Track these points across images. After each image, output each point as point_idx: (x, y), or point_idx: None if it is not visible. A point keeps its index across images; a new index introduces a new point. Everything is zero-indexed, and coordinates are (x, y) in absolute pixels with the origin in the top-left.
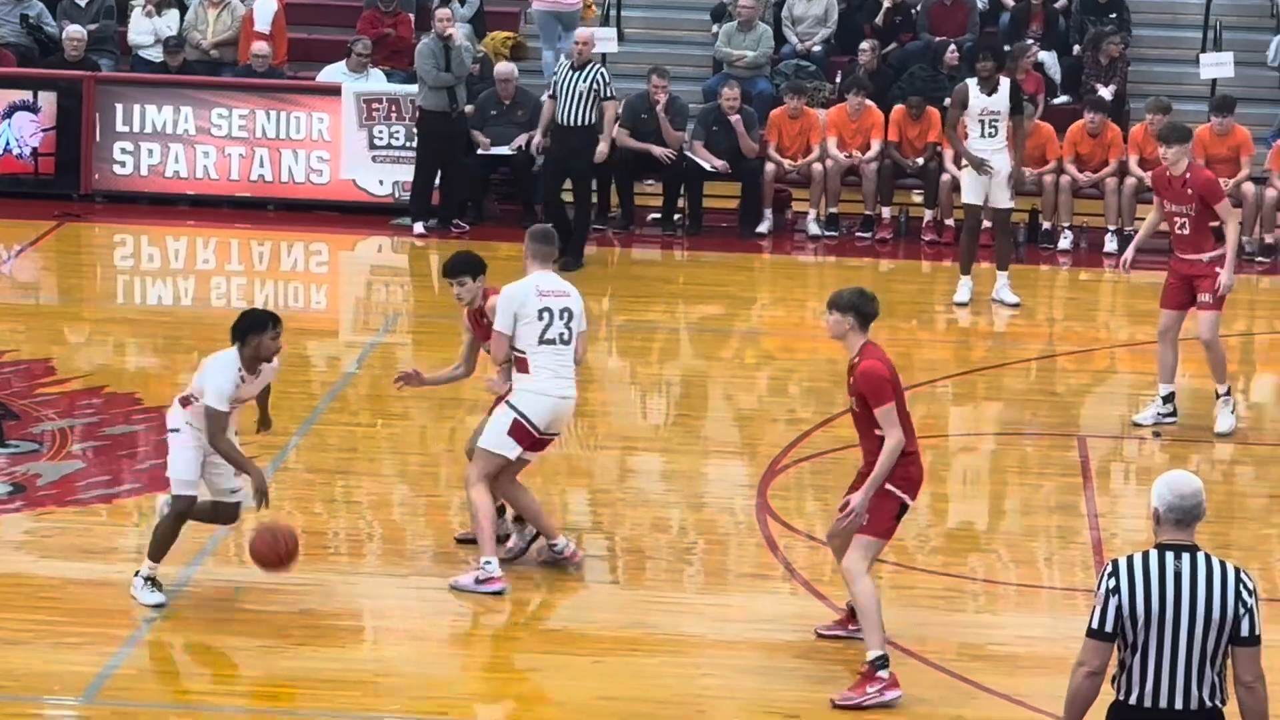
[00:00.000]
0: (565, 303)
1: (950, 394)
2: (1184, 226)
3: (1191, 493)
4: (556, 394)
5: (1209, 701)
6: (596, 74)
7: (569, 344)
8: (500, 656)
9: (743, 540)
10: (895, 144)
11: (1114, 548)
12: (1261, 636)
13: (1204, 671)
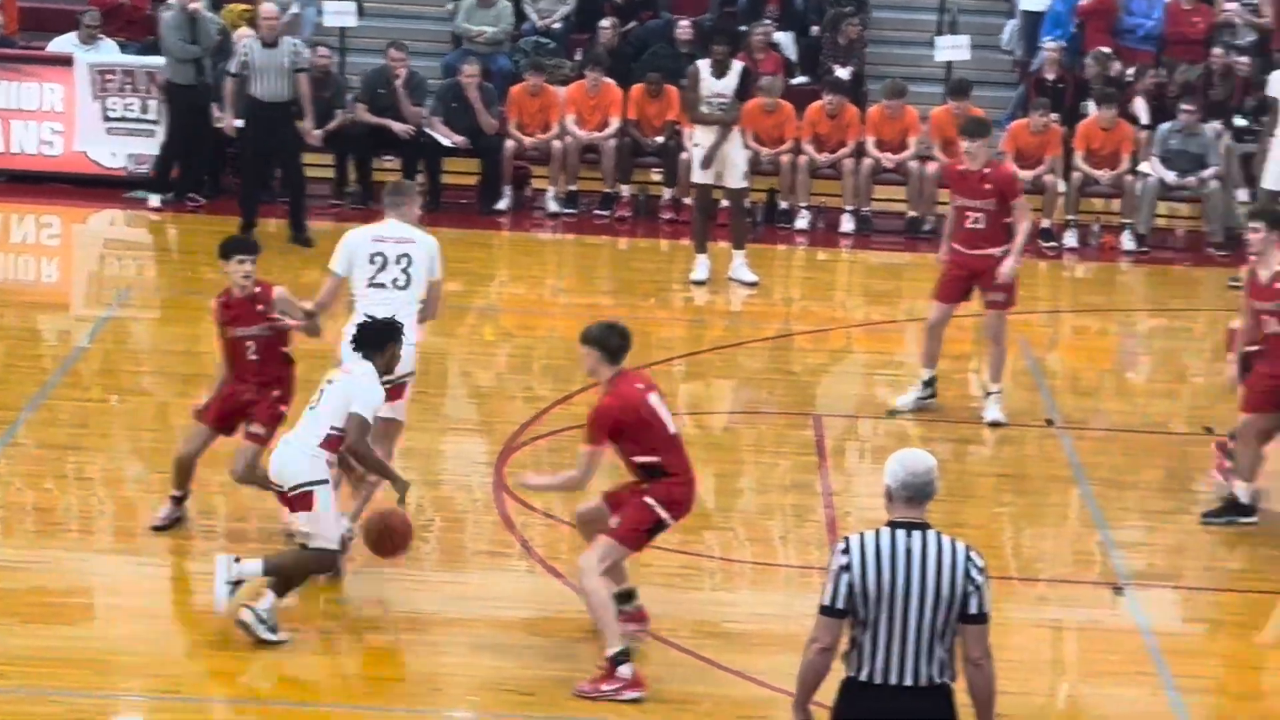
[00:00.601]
0: (405, 249)
1: (686, 372)
2: (978, 221)
3: (923, 471)
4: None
5: (938, 678)
6: (290, 48)
7: (404, 289)
8: (233, 634)
9: (479, 518)
10: (634, 122)
11: (848, 525)
12: (990, 614)
13: (933, 648)
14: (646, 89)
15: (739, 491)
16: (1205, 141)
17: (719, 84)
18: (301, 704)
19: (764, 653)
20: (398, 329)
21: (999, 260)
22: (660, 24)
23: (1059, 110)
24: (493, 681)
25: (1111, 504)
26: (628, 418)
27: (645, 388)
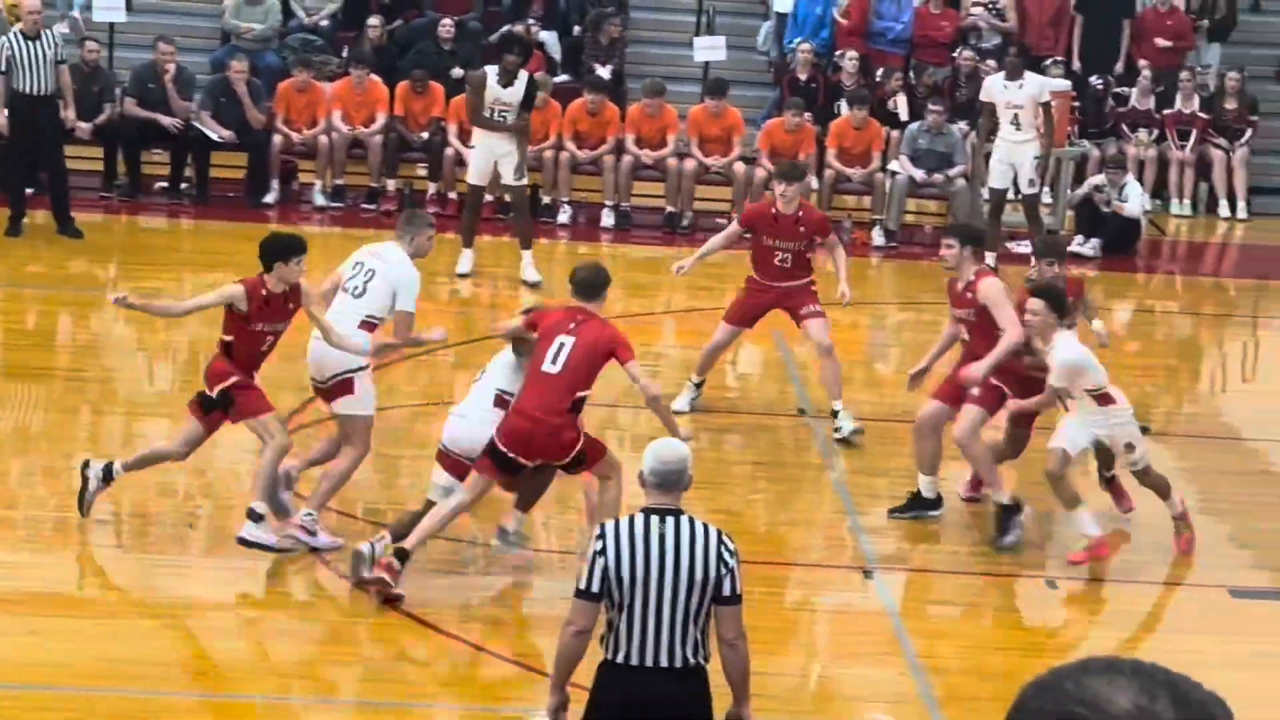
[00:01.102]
0: (373, 263)
1: (452, 363)
2: (785, 261)
3: (676, 459)
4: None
5: (692, 659)
6: (53, 40)
7: (359, 297)
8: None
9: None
10: (400, 118)
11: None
12: (742, 596)
13: (687, 630)
14: (412, 86)
15: None
16: (952, 141)
17: (504, 93)
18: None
19: (526, 636)
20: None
21: (806, 287)
22: (425, 22)
23: (812, 110)
24: (259, 665)
25: (861, 491)
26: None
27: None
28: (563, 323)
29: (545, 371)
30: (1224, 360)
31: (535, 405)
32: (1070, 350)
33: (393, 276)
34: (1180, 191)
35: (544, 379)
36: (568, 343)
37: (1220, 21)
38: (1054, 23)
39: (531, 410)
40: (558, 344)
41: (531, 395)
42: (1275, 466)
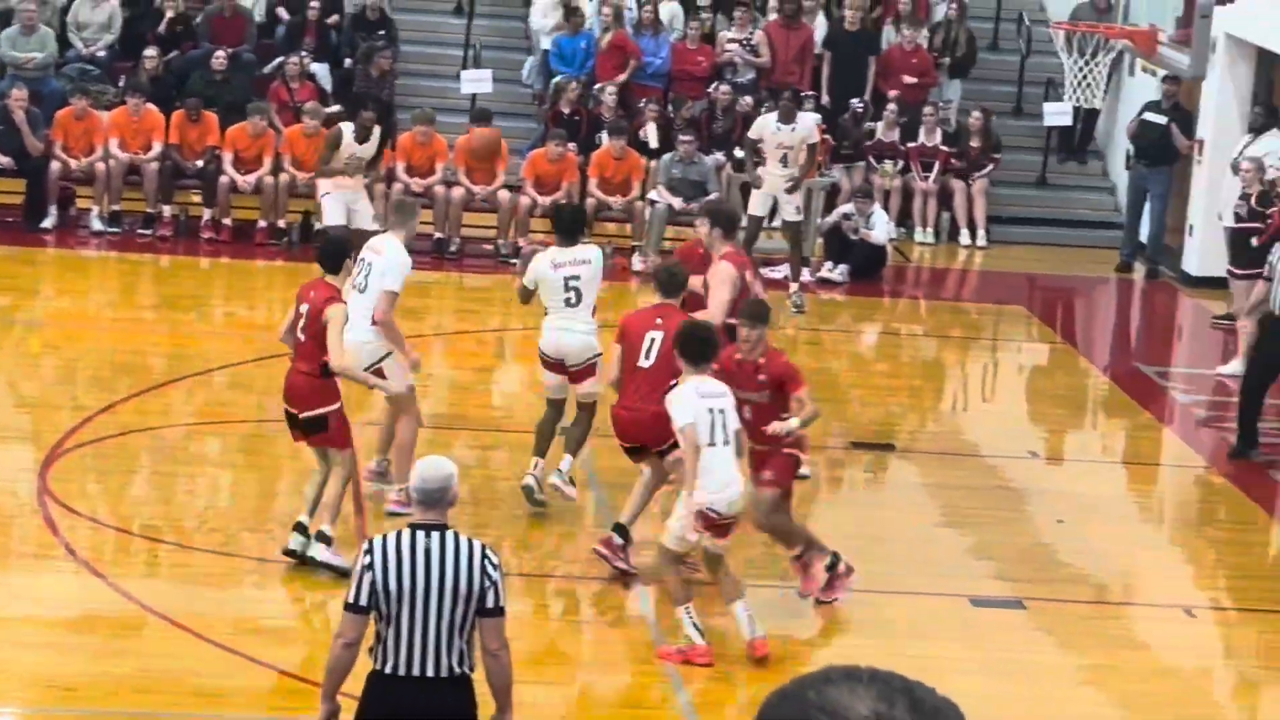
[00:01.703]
0: (370, 256)
1: (229, 382)
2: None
3: (440, 477)
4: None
5: (458, 668)
6: None
7: (365, 292)
8: None
9: (25, 521)
10: (176, 146)
11: (381, 528)
12: (505, 609)
13: (453, 641)
14: (187, 115)
15: (276, 495)
16: (704, 170)
17: (360, 148)
18: None
19: (298, 647)
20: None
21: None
22: (200, 54)
23: (575, 140)
24: (38, 678)
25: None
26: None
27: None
28: (648, 320)
29: (640, 367)
30: (965, 381)
31: (636, 397)
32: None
33: (385, 263)
34: (924, 220)
35: (640, 373)
36: (658, 337)
37: (961, 59)
38: (799, 59)
39: (634, 403)
40: (649, 340)
41: (631, 389)
42: (1013, 482)
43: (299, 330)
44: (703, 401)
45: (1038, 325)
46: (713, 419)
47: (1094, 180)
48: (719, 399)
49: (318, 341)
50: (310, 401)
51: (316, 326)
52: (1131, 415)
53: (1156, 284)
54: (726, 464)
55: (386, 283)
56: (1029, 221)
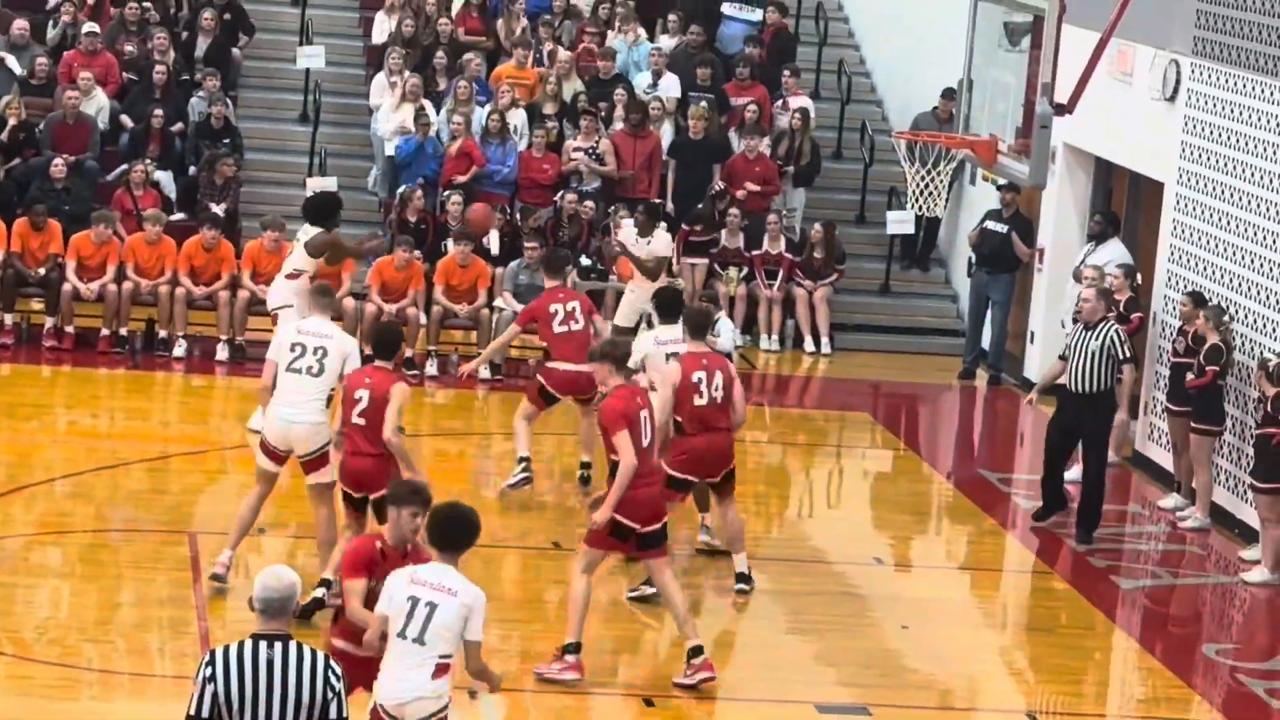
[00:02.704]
0: (321, 342)
1: (70, 491)
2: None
3: (281, 586)
4: (283, 417)
5: None
6: None
7: (317, 376)
8: None
9: None
10: (18, 254)
11: (222, 638)
12: (349, 718)
13: None
14: (31, 222)
15: (119, 605)
16: None
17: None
18: None
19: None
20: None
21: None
22: (42, 162)
23: (421, 248)
24: None
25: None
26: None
27: (641, 401)
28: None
29: (700, 405)
30: (810, 487)
31: (707, 427)
32: None
33: (340, 347)
34: (769, 327)
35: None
36: (710, 374)
37: (805, 168)
38: (647, 167)
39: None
40: (697, 378)
41: (696, 424)
42: (858, 588)
43: (358, 415)
44: None
45: (882, 432)
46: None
47: (936, 288)
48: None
49: (380, 425)
50: (382, 483)
51: (380, 411)
52: (975, 521)
53: (998, 390)
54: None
55: (352, 364)
56: (873, 329)
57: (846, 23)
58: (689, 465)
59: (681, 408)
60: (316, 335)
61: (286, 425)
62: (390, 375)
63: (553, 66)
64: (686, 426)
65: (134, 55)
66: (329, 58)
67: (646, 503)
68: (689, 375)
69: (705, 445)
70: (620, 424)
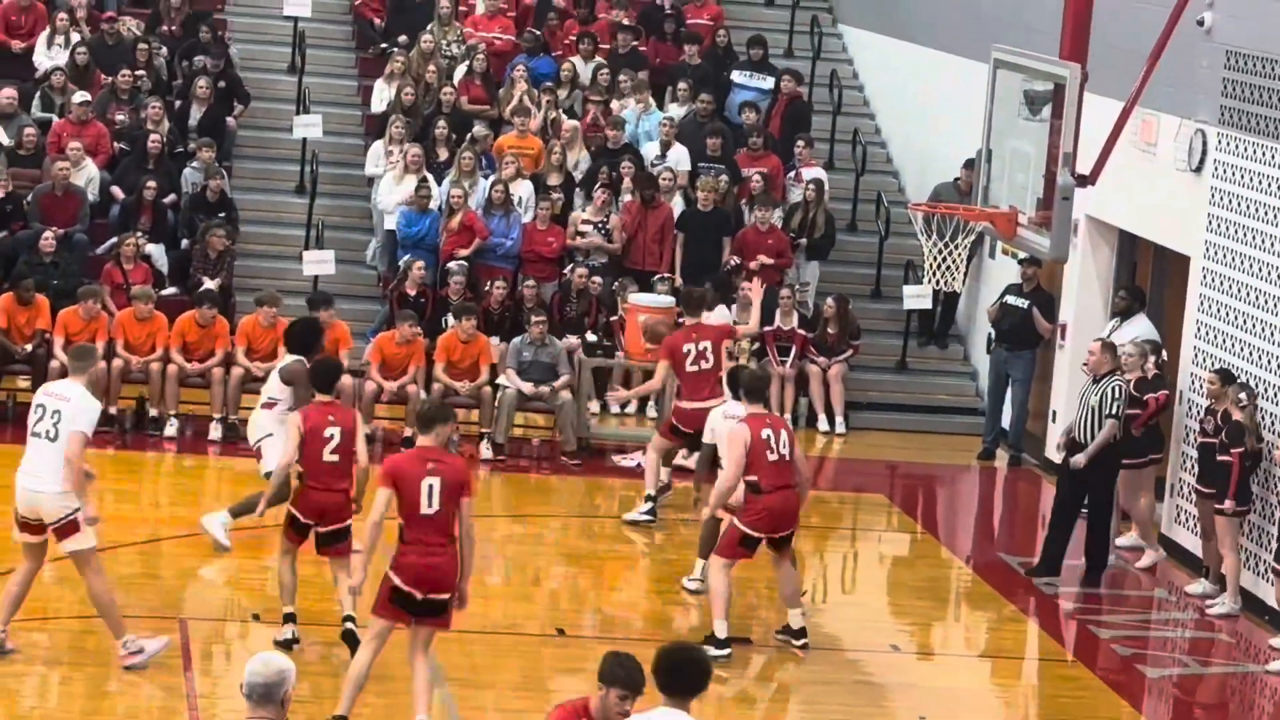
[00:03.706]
0: (58, 404)
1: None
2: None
3: (273, 672)
4: (26, 486)
5: None
6: None
7: (54, 440)
8: None
9: None
10: (4, 330)
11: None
12: None
13: None
14: (18, 297)
15: (106, 694)
16: (555, 353)
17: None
18: None
19: None
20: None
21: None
22: (30, 235)
23: (420, 323)
24: None
25: (468, 703)
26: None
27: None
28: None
29: (773, 461)
30: (824, 571)
31: (780, 484)
32: None
33: (75, 409)
34: (781, 406)
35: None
36: (776, 433)
37: (819, 240)
38: (658, 239)
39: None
40: (765, 435)
41: (771, 482)
42: (874, 677)
43: (330, 452)
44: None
45: (898, 514)
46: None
47: (955, 365)
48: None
49: (350, 461)
50: (341, 516)
51: (351, 443)
52: (995, 607)
53: (1019, 471)
54: None
55: (79, 424)
56: (889, 407)
57: (861, 91)
58: (764, 523)
59: (756, 466)
60: (56, 397)
61: (31, 495)
62: (346, 408)
63: (557, 136)
64: (762, 484)
65: (126, 124)
66: (326, 127)
67: (775, 509)
68: (758, 433)
69: (780, 502)
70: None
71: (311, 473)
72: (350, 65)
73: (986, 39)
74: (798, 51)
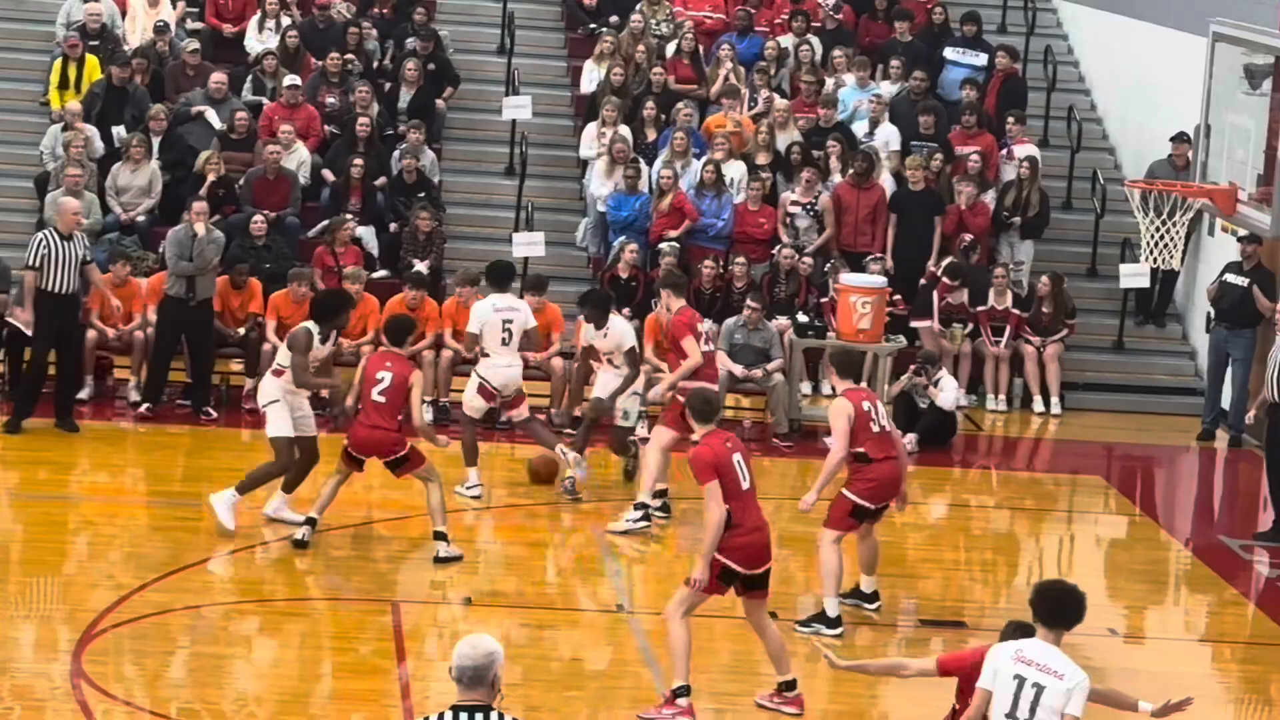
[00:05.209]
0: None
1: (273, 559)
2: None
3: (482, 654)
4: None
5: None
6: (83, 242)
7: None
8: None
9: (58, 706)
10: (218, 313)
11: (425, 709)
12: None
13: None
14: (231, 280)
15: (319, 676)
16: (768, 336)
17: (323, 349)
18: None
19: None
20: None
21: None
22: (243, 218)
23: (630, 304)
24: None
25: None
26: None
27: (732, 446)
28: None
29: (876, 432)
30: (1040, 554)
31: (886, 454)
32: None
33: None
34: (995, 387)
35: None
36: (874, 404)
37: (1033, 219)
38: (871, 219)
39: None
40: (866, 407)
41: (877, 451)
42: (1091, 660)
43: (378, 394)
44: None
45: (1116, 496)
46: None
47: (1173, 344)
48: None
49: (398, 403)
50: (395, 449)
51: (401, 392)
52: (1216, 590)
53: (1239, 452)
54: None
55: None
56: (1105, 388)
57: (1076, 66)
58: (875, 492)
59: (861, 437)
60: None
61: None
62: (407, 362)
63: (768, 115)
64: (871, 454)
65: (335, 108)
66: (536, 108)
67: (750, 546)
68: (859, 405)
69: (890, 471)
70: (709, 474)
71: (362, 409)
72: (560, 46)
73: (1205, 12)
74: (1011, 27)
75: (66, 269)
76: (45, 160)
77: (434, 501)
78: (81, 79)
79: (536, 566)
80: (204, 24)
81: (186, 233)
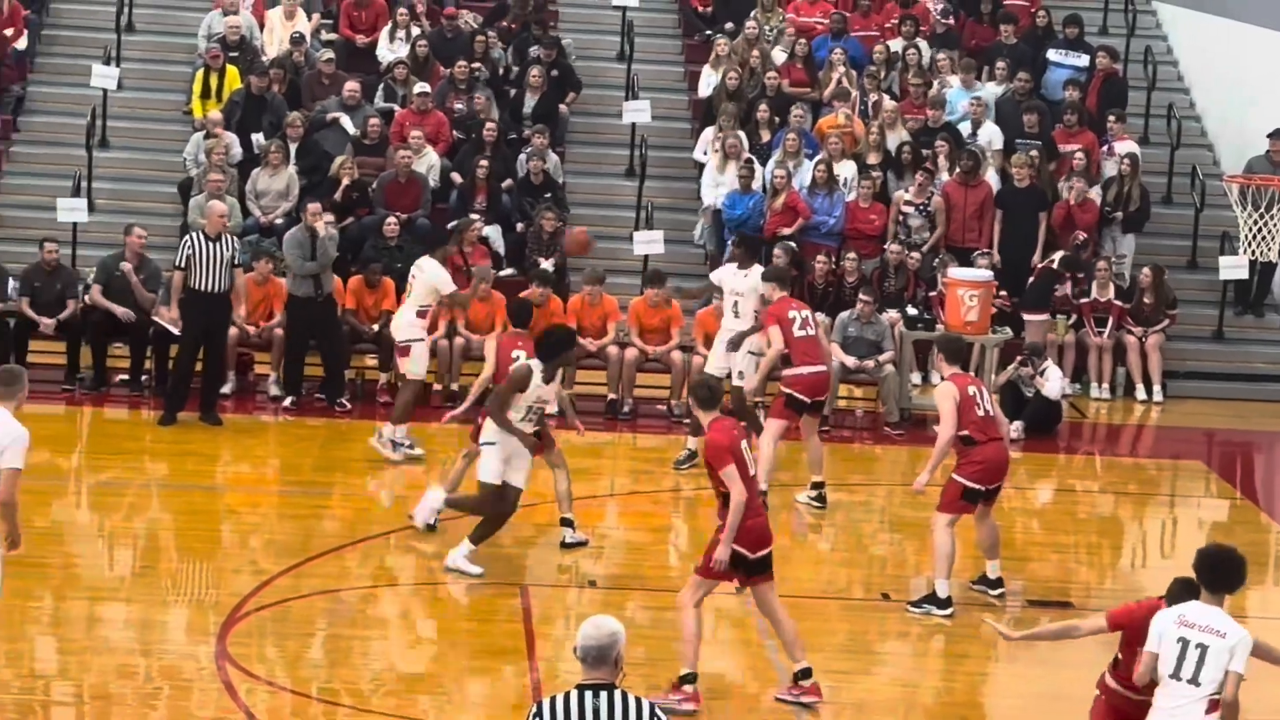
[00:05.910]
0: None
1: (405, 545)
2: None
3: (603, 635)
4: None
5: None
6: (231, 244)
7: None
8: None
9: (204, 686)
10: (353, 310)
11: (553, 688)
12: None
13: None
14: (365, 279)
15: (453, 657)
16: (880, 329)
17: (546, 389)
18: None
19: None
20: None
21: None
22: (376, 220)
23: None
24: None
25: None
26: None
27: (739, 433)
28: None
29: (980, 416)
30: (1143, 537)
31: (992, 436)
32: None
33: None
34: (1099, 376)
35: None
36: (978, 390)
37: (1134, 213)
38: (978, 216)
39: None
40: (971, 391)
41: (983, 434)
42: None
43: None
44: None
45: (1216, 481)
46: None
47: (1272, 334)
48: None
49: None
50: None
51: None
52: None
53: None
54: None
55: (8, 460)
56: (1205, 376)
57: (1176, 66)
58: (984, 474)
59: (965, 420)
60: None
61: None
62: (531, 340)
63: (877, 116)
64: (975, 437)
65: (463, 113)
66: (655, 112)
67: (754, 530)
68: (964, 389)
69: (996, 453)
70: (726, 458)
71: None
72: (677, 52)
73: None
74: (1111, 29)
75: (214, 269)
76: (188, 166)
77: (561, 489)
78: (222, 89)
79: (658, 551)
80: (338, 35)
81: (304, 233)
